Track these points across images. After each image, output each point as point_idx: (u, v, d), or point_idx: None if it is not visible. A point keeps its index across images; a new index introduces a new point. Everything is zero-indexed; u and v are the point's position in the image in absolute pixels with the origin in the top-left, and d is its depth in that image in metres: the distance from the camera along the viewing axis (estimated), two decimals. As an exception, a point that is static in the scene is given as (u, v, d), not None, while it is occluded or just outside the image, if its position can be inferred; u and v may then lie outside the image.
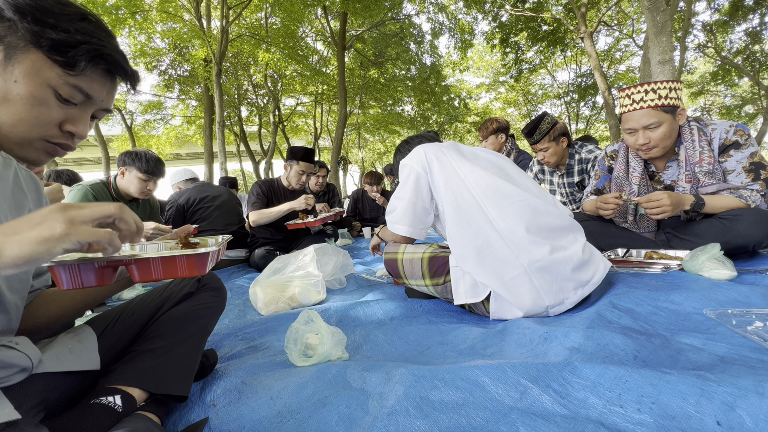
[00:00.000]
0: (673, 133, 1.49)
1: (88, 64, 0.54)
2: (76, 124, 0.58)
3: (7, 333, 0.62)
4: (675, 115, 1.47)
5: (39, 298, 0.72)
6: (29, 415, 0.58)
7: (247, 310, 1.59)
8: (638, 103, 1.48)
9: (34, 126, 0.54)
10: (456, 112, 16.40)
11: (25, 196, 0.66)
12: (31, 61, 0.52)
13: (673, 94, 1.44)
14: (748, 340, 0.79)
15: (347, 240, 3.64)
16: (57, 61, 0.53)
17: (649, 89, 1.46)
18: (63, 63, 0.53)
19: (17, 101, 0.52)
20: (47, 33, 0.52)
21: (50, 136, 0.57)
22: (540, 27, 11.21)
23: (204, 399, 0.79)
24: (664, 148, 1.52)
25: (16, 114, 0.53)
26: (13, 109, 0.52)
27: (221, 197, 2.79)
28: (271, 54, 10.31)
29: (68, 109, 0.57)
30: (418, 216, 1.27)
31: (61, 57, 0.53)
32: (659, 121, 1.46)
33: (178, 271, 0.61)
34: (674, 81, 1.45)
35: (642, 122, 1.48)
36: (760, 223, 1.33)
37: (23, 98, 0.52)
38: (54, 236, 0.41)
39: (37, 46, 0.52)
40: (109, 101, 0.62)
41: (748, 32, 10.64)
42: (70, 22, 0.53)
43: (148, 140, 14.86)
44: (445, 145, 1.31)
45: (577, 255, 1.10)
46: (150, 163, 1.99)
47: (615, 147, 1.77)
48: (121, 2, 7.70)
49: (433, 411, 0.63)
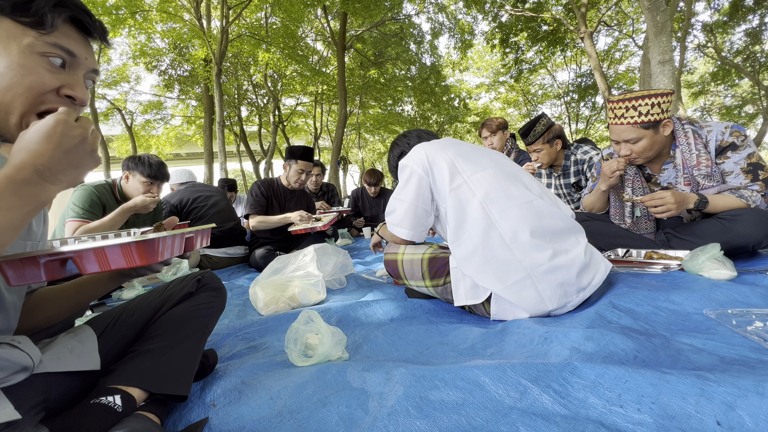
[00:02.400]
0: (655, 145, 1.51)
1: (54, 15, 0.53)
2: (74, 88, 0.57)
3: (6, 332, 0.62)
4: (658, 128, 1.48)
5: (35, 297, 0.72)
6: (29, 415, 0.58)
7: (247, 310, 1.59)
8: (619, 119, 1.50)
9: (29, 97, 0.53)
10: (456, 112, 16.41)
11: None
12: (5, 30, 0.51)
13: (655, 110, 1.44)
14: (748, 340, 0.79)
15: (347, 240, 3.64)
16: (25, 23, 0.52)
17: (629, 106, 1.46)
18: (32, 24, 0.52)
19: (6, 74, 0.51)
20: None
21: (50, 105, 0.56)
22: (540, 27, 11.22)
23: (204, 399, 0.79)
24: (647, 159, 1.55)
25: (10, 89, 0.52)
26: (6, 85, 0.51)
27: (214, 197, 2.81)
28: (271, 54, 10.31)
29: (60, 74, 0.56)
30: (419, 219, 1.25)
31: (27, 17, 0.52)
32: (638, 137, 1.48)
33: (126, 260, 0.57)
34: (661, 94, 1.43)
35: (622, 136, 1.51)
36: (760, 223, 1.33)
37: (12, 68, 0.51)
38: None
39: (2, 14, 0.51)
40: (92, 60, 0.62)
41: (748, 32, 10.65)
42: None
43: (148, 140, 14.87)
44: (446, 144, 1.27)
45: (580, 258, 1.09)
46: (153, 168, 2.01)
47: (611, 150, 1.78)
48: (121, 2, 7.71)
49: (433, 411, 0.63)
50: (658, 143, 1.51)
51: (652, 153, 1.52)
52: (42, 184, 0.47)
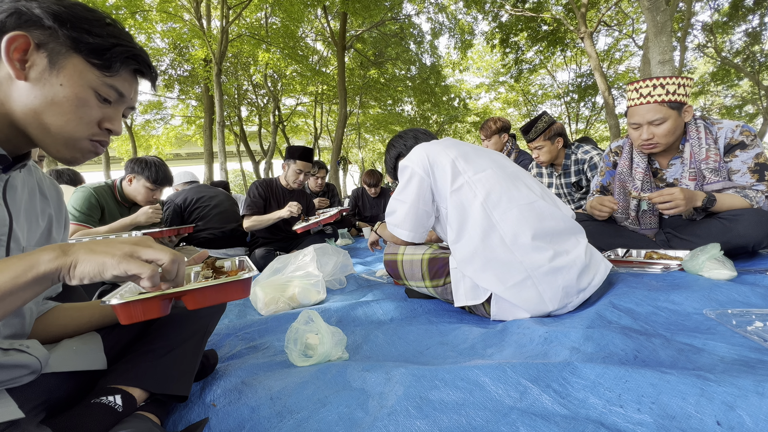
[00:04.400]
0: (677, 130, 1.50)
1: (122, 65, 0.60)
2: (113, 122, 0.63)
3: (20, 336, 0.63)
4: (681, 111, 1.48)
5: (55, 312, 0.73)
6: (31, 414, 0.59)
7: (247, 310, 1.59)
8: (645, 98, 1.48)
9: (79, 125, 0.59)
10: (456, 112, 16.41)
11: (47, 202, 0.69)
12: (73, 65, 0.57)
13: (681, 90, 1.45)
14: (748, 340, 0.79)
15: (347, 240, 3.64)
16: (95, 64, 0.58)
17: (657, 84, 1.46)
18: (100, 66, 0.59)
19: (64, 103, 0.57)
20: (84, 38, 0.56)
21: (92, 135, 0.61)
22: (540, 27, 11.22)
23: (204, 399, 0.79)
24: (666, 145, 1.52)
25: (64, 115, 0.57)
26: (61, 111, 0.57)
27: (218, 197, 2.80)
28: (271, 54, 10.31)
29: (105, 108, 0.62)
30: (420, 220, 1.24)
31: (98, 60, 0.58)
32: (664, 116, 1.46)
33: (227, 296, 0.68)
34: (684, 77, 1.45)
35: (647, 117, 1.48)
36: (760, 224, 1.33)
37: (69, 100, 0.57)
38: (108, 262, 0.49)
39: (77, 51, 0.57)
40: (135, 99, 0.68)
41: (747, 32, 10.65)
42: (101, 27, 0.58)
43: (148, 140, 14.87)
44: (447, 144, 1.26)
45: (580, 259, 1.09)
46: (159, 173, 1.99)
47: (620, 143, 1.77)
48: (121, 2, 7.71)
49: (433, 411, 0.63)
50: (679, 129, 1.50)
51: (673, 139, 1.51)
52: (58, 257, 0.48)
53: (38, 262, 0.47)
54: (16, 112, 0.56)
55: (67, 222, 0.75)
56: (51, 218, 0.68)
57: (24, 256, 0.47)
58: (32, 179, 0.67)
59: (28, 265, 0.46)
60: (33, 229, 0.63)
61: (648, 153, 1.59)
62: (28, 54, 0.54)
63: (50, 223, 0.68)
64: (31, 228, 0.63)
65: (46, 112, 0.56)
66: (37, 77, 0.55)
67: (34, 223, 0.64)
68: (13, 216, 0.58)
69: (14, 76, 0.54)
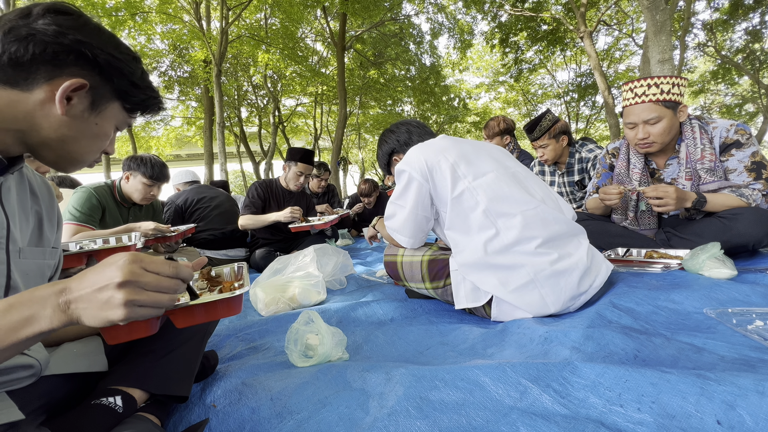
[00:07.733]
0: (672, 129, 1.50)
1: (147, 109, 0.67)
2: (112, 146, 0.69)
3: None
4: (676, 111, 1.49)
5: None
6: (32, 416, 0.59)
7: (248, 310, 1.59)
8: (640, 97, 1.49)
9: (92, 153, 0.64)
10: (456, 112, 16.40)
11: (36, 200, 0.69)
12: (111, 109, 0.62)
13: (675, 90, 1.46)
14: (748, 339, 0.79)
15: (347, 240, 3.64)
16: (126, 108, 0.64)
17: (651, 83, 1.47)
18: (129, 109, 0.65)
19: (90, 137, 0.61)
20: (131, 91, 0.62)
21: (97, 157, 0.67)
22: (539, 27, 11.21)
23: (204, 400, 0.79)
24: (662, 144, 1.53)
25: (87, 147, 0.62)
26: (85, 143, 0.61)
27: (218, 198, 2.80)
28: (271, 55, 10.31)
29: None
30: (420, 225, 1.23)
31: (131, 106, 0.64)
32: (659, 115, 1.47)
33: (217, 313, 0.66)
34: (678, 77, 1.46)
35: (642, 116, 1.50)
36: (760, 223, 1.33)
37: (96, 136, 0.62)
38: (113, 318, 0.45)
39: (119, 99, 0.62)
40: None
41: (748, 31, 10.64)
42: (142, 78, 0.63)
43: (148, 141, 14.87)
44: (445, 145, 1.22)
45: (582, 261, 1.08)
46: (155, 169, 1.99)
47: (616, 144, 1.78)
48: (121, 4, 7.70)
49: (433, 411, 0.63)
50: (674, 128, 1.51)
51: (669, 138, 1.52)
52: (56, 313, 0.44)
53: (38, 316, 0.43)
54: (38, 137, 0.56)
55: (60, 221, 0.74)
56: (40, 216, 0.67)
57: (21, 303, 0.43)
58: (23, 178, 0.66)
59: (25, 319, 0.42)
60: (23, 228, 0.63)
61: (644, 152, 1.59)
62: (76, 93, 0.56)
63: (39, 221, 0.67)
64: (22, 227, 0.62)
65: (71, 142, 0.59)
66: (77, 115, 0.57)
67: (24, 221, 0.63)
68: (9, 218, 0.58)
69: (60, 113, 0.55)
